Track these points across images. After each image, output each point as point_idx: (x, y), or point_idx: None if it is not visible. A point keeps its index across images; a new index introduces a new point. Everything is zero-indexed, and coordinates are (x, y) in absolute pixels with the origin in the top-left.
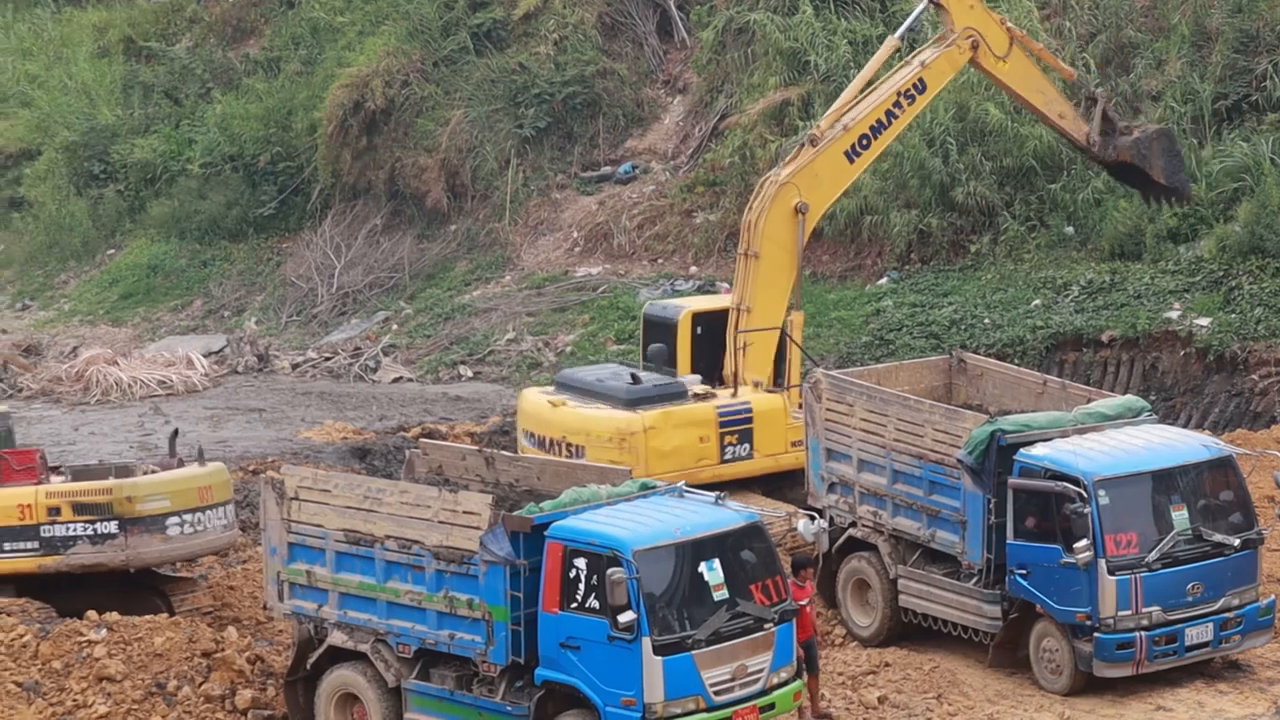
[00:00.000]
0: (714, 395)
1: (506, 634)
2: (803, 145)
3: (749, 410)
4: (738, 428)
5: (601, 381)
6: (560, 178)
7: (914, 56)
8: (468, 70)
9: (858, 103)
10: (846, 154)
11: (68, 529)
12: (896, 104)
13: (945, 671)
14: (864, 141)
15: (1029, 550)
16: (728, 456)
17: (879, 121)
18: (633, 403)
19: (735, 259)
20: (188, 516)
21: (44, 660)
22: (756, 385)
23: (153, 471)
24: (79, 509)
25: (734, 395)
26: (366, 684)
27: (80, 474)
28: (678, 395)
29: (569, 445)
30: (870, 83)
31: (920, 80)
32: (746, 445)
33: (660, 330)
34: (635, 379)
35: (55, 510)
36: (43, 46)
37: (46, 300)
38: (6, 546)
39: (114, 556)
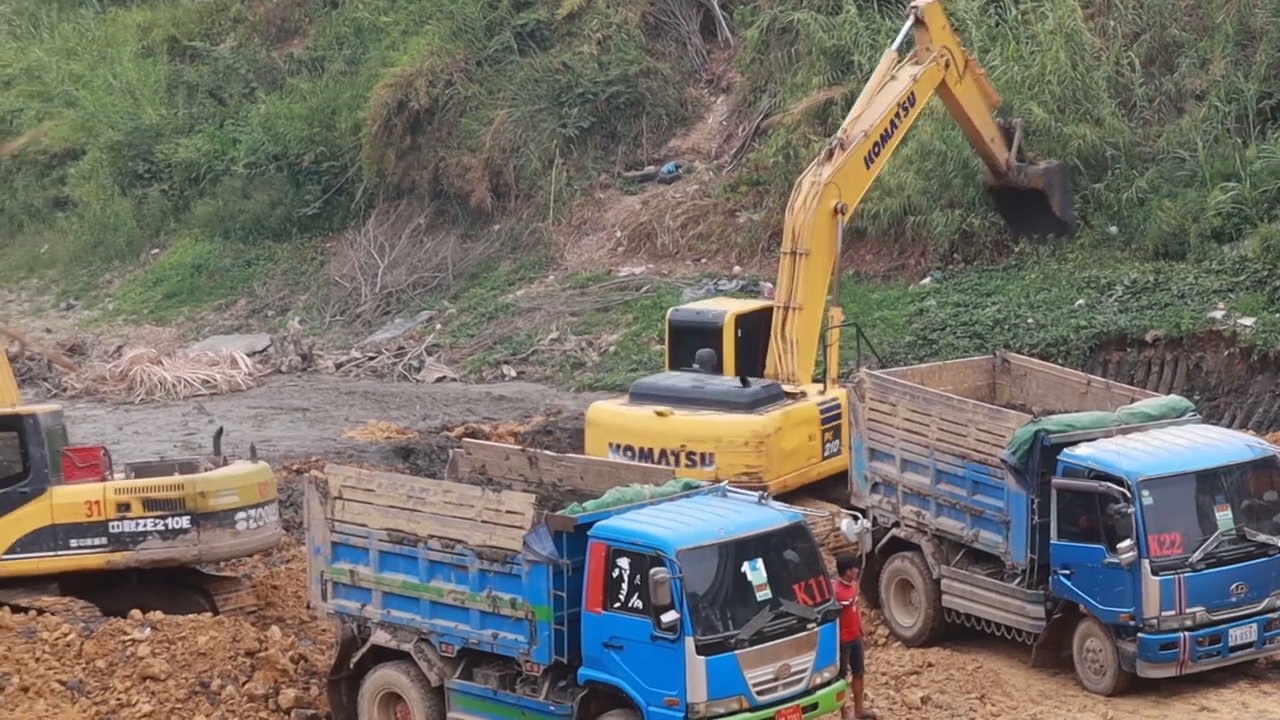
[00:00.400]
0: (805, 394)
1: (550, 633)
2: (832, 149)
3: (839, 407)
4: (832, 424)
5: (701, 388)
6: (604, 177)
7: (899, 70)
8: (511, 70)
9: (867, 111)
10: (865, 159)
11: (138, 525)
12: (897, 115)
13: (988, 672)
14: (876, 149)
15: (1072, 550)
16: (826, 454)
17: (885, 131)
18: (752, 406)
19: (778, 258)
20: (252, 512)
21: (88, 659)
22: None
23: (209, 469)
24: (150, 504)
25: (823, 392)
26: (410, 683)
27: (142, 471)
28: (781, 397)
29: (690, 454)
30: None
31: (912, 94)
32: (837, 441)
33: (700, 334)
34: (745, 383)
35: (124, 506)
36: (87, 46)
37: (91, 300)
38: (73, 543)
39: (186, 551)
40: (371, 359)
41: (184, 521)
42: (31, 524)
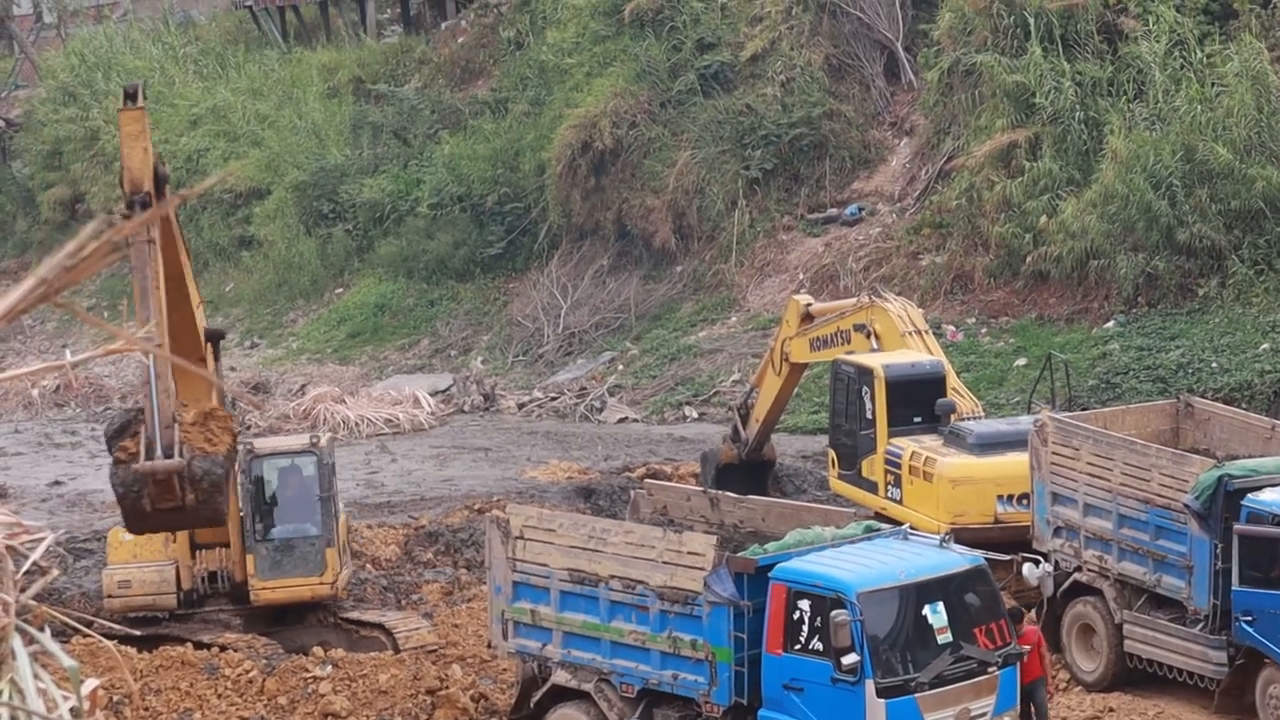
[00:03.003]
0: None
1: (730, 675)
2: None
3: None
4: None
5: None
6: (786, 219)
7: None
8: (695, 111)
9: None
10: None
11: None
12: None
13: (1170, 717)
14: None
15: (1255, 597)
16: None
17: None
18: None
19: (904, 338)
20: None
21: (270, 696)
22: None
23: None
24: None
25: None
26: None
27: None
28: None
29: None
30: None
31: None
32: None
33: (922, 387)
34: None
35: None
36: (272, 87)
37: (275, 338)
38: None
39: None
40: (553, 399)
41: None
42: None
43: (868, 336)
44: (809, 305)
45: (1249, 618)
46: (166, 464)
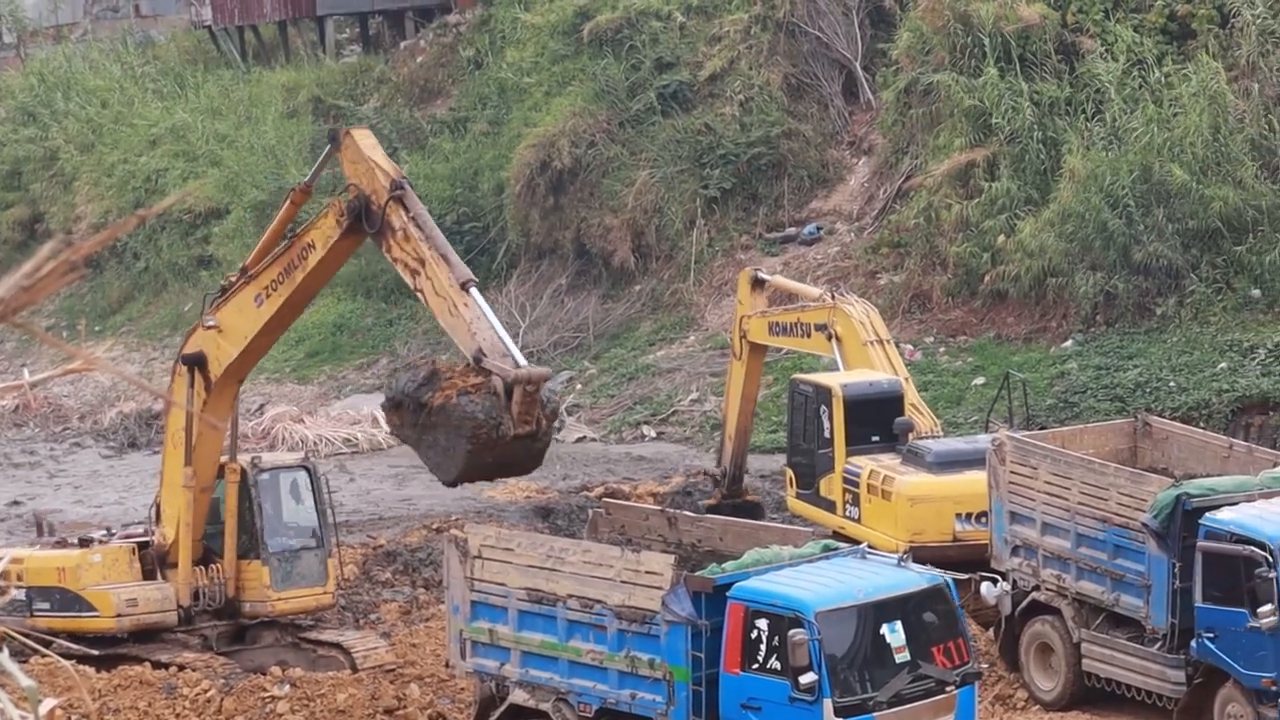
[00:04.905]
0: None
1: (688, 694)
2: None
3: None
4: None
5: None
6: (745, 238)
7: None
8: (654, 131)
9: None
10: None
11: None
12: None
13: None
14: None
15: (1215, 614)
16: None
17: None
18: None
19: (865, 347)
20: None
21: (227, 716)
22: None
23: None
24: None
25: None
26: None
27: None
28: None
29: None
30: None
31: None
32: None
33: (880, 405)
34: None
35: None
36: (232, 106)
37: None
38: None
39: None
40: None
41: None
42: None
43: (829, 338)
44: (757, 272)
45: (1211, 634)
46: (540, 369)
